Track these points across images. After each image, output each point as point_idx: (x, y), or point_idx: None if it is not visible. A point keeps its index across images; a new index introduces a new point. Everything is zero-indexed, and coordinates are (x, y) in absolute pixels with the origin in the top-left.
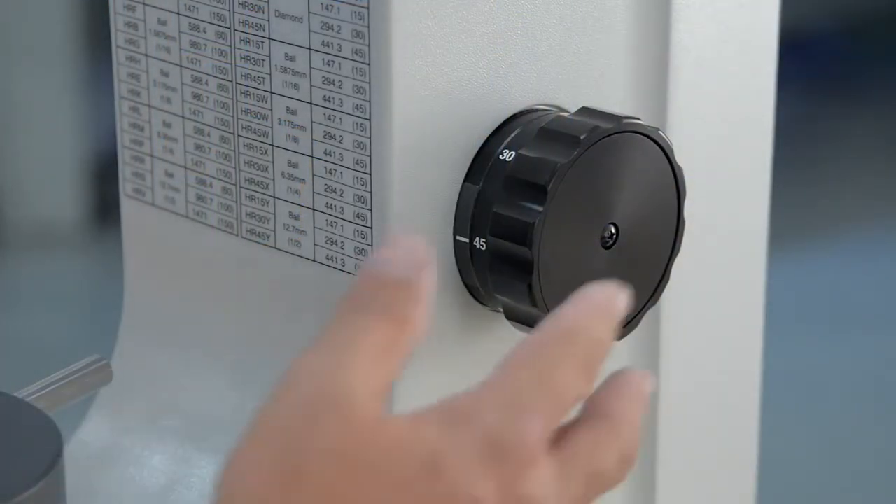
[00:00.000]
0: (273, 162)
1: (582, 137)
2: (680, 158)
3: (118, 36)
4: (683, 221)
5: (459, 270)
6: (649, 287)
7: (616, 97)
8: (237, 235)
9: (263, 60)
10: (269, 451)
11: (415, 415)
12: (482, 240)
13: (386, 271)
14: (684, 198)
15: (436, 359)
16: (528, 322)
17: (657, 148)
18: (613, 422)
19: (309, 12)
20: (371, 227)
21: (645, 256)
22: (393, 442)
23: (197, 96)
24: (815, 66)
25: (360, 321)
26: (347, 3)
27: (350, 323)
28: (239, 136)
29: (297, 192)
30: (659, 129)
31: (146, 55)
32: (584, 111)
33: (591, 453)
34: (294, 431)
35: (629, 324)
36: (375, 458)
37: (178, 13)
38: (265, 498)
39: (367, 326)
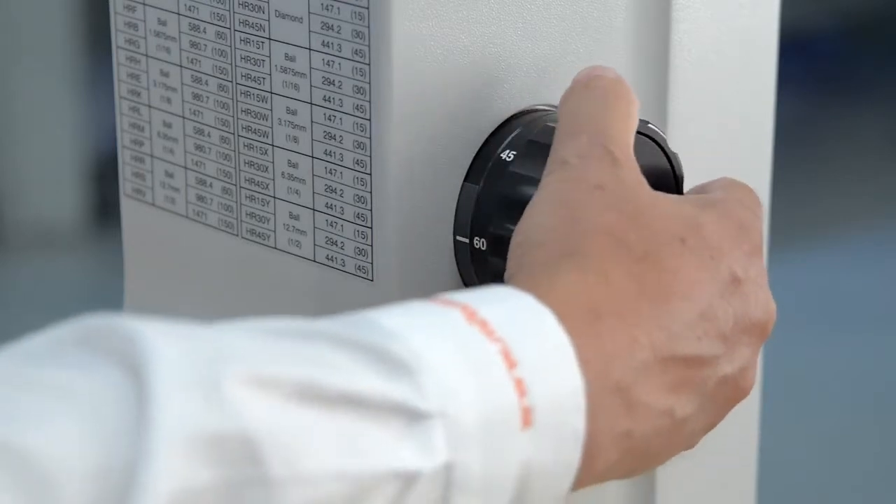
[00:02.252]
0: (273, 162)
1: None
2: (680, 158)
3: (118, 36)
4: None
5: (459, 270)
6: None
7: None
8: (237, 235)
9: (263, 60)
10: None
11: (675, 196)
12: (482, 240)
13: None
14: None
15: None
16: None
17: (657, 148)
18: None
19: (309, 12)
20: (371, 227)
21: None
22: (662, 206)
23: (197, 96)
24: (815, 66)
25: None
26: (347, 3)
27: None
28: (239, 136)
29: (297, 192)
30: (648, 122)
31: (146, 55)
32: None
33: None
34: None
35: None
36: (646, 210)
37: (178, 13)
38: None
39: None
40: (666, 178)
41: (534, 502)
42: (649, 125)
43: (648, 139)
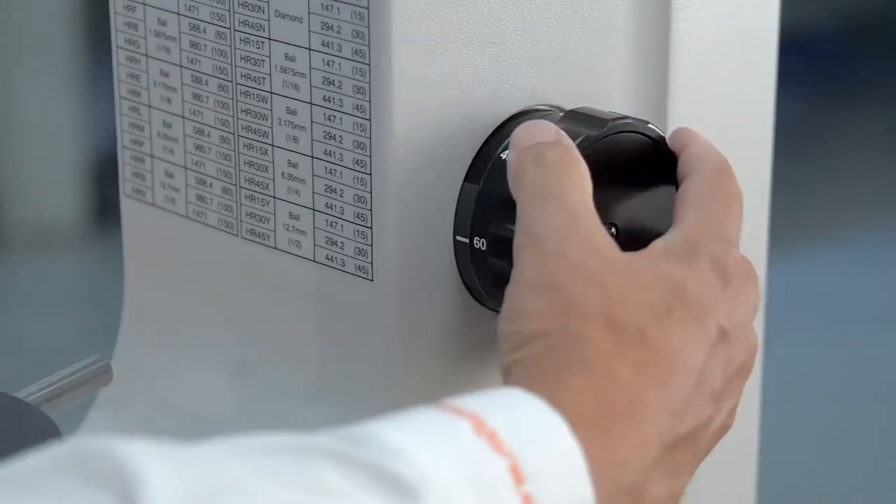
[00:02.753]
0: (273, 162)
1: (607, 124)
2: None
3: (118, 36)
4: None
5: (459, 270)
6: None
7: (616, 97)
8: (237, 235)
9: (263, 60)
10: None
11: (647, 252)
12: (482, 240)
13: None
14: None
15: (436, 358)
16: None
17: (653, 143)
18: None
19: (309, 12)
20: (371, 227)
21: None
22: (642, 276)
23: (197, 96)
24: (815, 66)
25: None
26: (347, 3)
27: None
28: (239, 136)
29: (297, 192)
30: (649, 122)
31: (146, 55)
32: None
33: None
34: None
35: None
36: (628, 283)
37: (178, 13)
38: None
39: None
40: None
41: None
42: (626, 120)
43: (643, 136)
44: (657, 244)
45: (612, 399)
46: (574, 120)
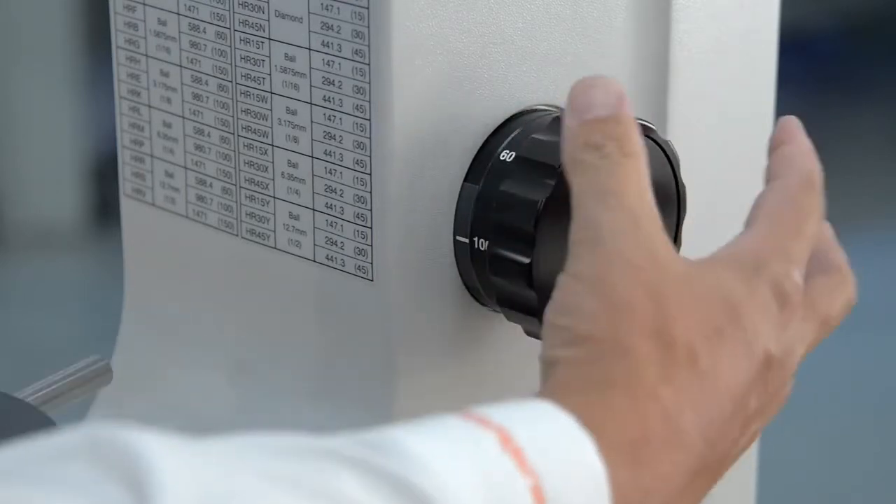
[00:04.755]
0: (273, 162)
1: None
2: (680, 159)
3: (118, 36)
4: (683, 220)
5: (459, 270)
6: None
7: None
8: (237, 235)
9: (263, 60)
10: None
11: (709, 261)
12: (482, 240)
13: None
14: (684, 198)
15: (436, 359)
16: (524, 311)
17: (657, 148)
18: (843, 273)
19: (309, 12)
20: (371, 227)
21: None
22: (698, 286)
23: (197, 96)
24: (815, 66)
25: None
26: (347, 3)
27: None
28: (239, 136)
29: (296, 192)
30: (644, 120)
31: (146, 55)
32: None
33: (828, 302)
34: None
35: None
36: (683, 293)
37: (178, 13)
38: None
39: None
40: (667, 189)
41: None
42: (641, 122)
43: (656, 146)
44: (722, 252)
45: (651, 423)
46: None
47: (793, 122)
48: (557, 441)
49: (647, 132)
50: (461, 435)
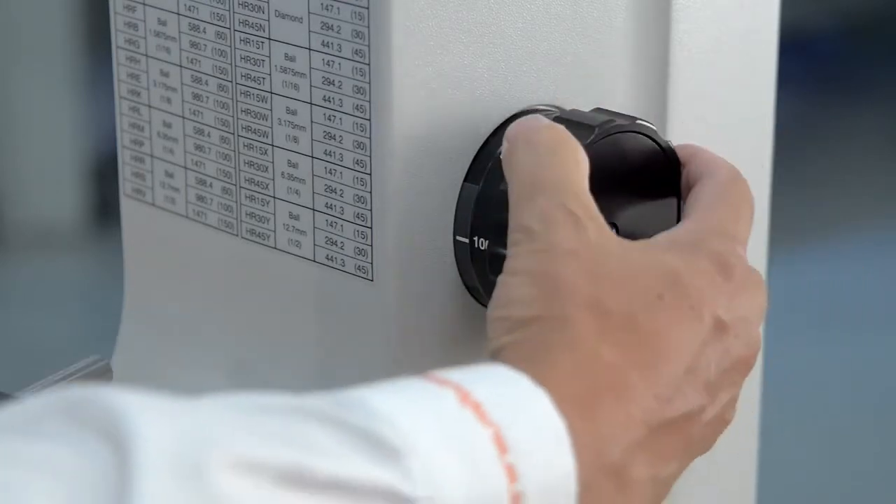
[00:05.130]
0: (273, 162)
1: (595, 131)
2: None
3: (118, 36)
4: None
5: (459, 270)
6: None
7: (616, 97)
8: (237, 235)
9: (263, 60)
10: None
11: (646, 241)
12: (482, 240)
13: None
14: (684, 198)
15: (436, 358)
16: None
17: (657, 148)
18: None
19: (309, 12)
20: (371, 227)
21: None
22: (634, 262)
23: (197, 96)
24: (815, 66)
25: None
26: (347, 3)
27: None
28: (239, 136)
29: (296, 192)
30: (638, 118)
31: (146, 55)
32: (598, 111)
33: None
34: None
35: None
36: (620, 269)
37: (178, 13)
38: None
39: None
40: (663, 168)
41: None
42: (638, 121)
43: (640, 135)
44: (659, 236)
45: (597, 377)
46: (599, 112)
47: (690, 144)
48: (513, 396)
49: (650, 134)
50: (422, 393)
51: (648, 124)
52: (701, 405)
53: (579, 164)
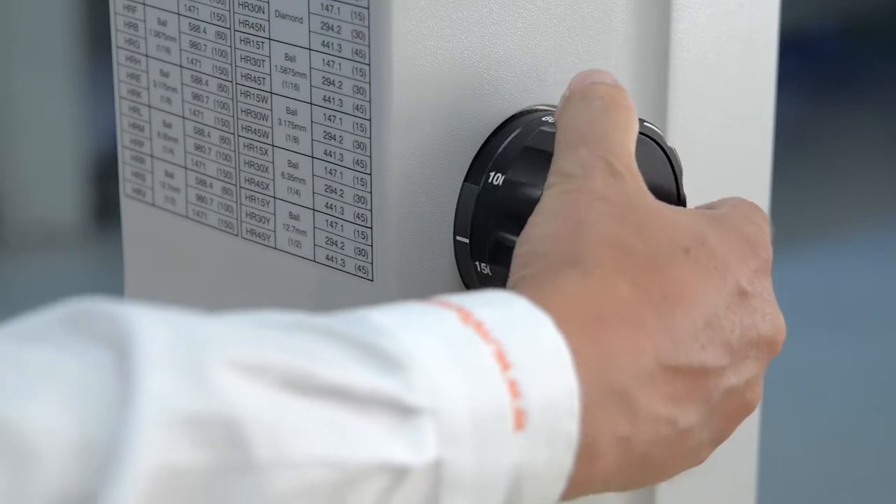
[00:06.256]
0: (273, 162)
1: None
2: (680, 159)
3: (118, 36)
4: None
5: (459, 270)
6: None
7: None
8: (237, 235)
9: (263, 60)
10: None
11: (678, 207)
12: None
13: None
14: (684, 198)
15: None
16: None
17: (658, 148)
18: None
19: (309, 12)
20: (371, 228)
21: None
22: (666, 217)
23: (197, 96)
24: (815, 66)
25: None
26: (347, 3)
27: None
28: (239, 136)
29: (297, 192)
30: (645, 120)
31: (146, 55)
32: None
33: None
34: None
35: None
36: (649, 220)
37: (178, 13)
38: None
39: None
40: (665, 173)
41: None
42: (645, 123)
43: (645, 137)
44: (693, 208)
45: (607, 306)
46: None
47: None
48: (514, 317)
49: (654, 137)
50: (424, 313)
51: (654, 127)
52: (720, 365)
53: (629, 126)
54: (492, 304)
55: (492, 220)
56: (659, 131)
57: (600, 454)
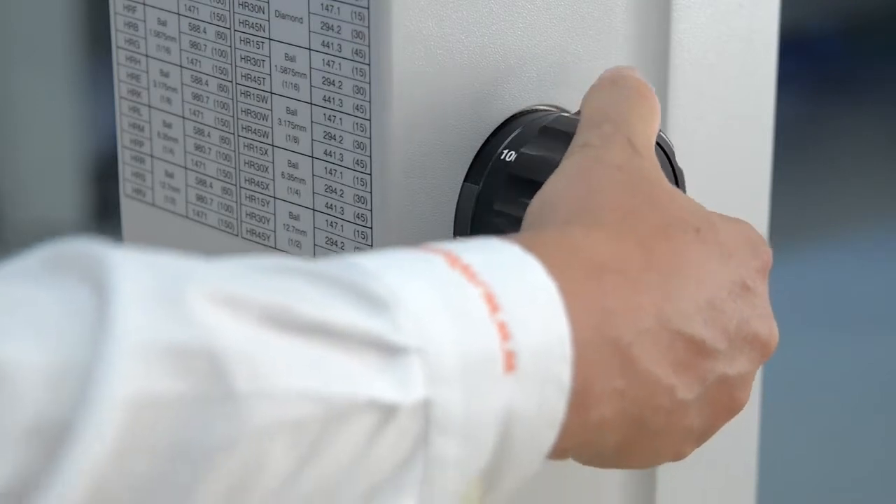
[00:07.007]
0: (273, 162)
1: None
2: (680, 158)
3: (118, 36)
4: None
5: None
6: None
7: None
8: (237, 235)
9: (263, 60)
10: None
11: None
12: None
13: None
14: None
15: None
16: None
17: (658, 148)
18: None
19: (309, 12)
20: (371, 228)
21: None
22: (679, 199)
23: (197, 96)
24: (815, 66)
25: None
26: (347, 3)
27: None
28: (239, 136)
29: (297, 192)
30: (660, 131)
31: (146, 55)
32: None
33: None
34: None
35: None
36: (662, 197)
37: (178, 13)
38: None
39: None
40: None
41: (517, 452)
42: (661, 134)
43: (658, 148)
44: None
45: (609, 254)
46: (553, 137)
47: None
48: (504, 262)
49: (666, 151)
50: (411, 257)
51: (669, 142)
52: (718, 348)
53: (653, 117)
54: (480, 250)
55: (502, 193)
56: (672, 146)
57: (594, 404)
